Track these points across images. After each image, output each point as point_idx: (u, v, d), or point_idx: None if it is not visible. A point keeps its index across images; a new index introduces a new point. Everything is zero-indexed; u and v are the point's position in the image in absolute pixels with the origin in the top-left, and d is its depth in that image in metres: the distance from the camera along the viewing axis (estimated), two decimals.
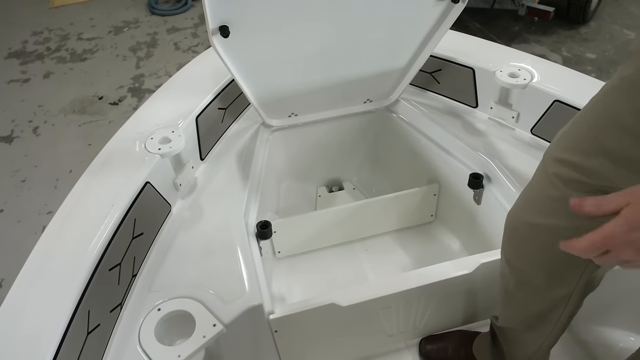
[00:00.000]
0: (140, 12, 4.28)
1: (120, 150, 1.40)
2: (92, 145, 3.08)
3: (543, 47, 3.94)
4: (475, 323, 1.52)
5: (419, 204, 1.77)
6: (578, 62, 3.77)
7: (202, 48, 3.82)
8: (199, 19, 4.20)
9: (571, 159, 0.92)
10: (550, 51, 3.90)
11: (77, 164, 2.93)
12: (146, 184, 1.31)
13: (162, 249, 1.33)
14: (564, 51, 3.89)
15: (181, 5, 4.24)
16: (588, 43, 3.96)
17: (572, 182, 0.93)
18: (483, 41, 1.79)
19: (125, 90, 3.47)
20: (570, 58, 3.82)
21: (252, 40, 1.40)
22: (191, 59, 1.82)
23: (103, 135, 3.11)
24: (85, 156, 2.97)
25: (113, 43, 3.90)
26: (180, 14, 4.21)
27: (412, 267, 1.71)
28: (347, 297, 1.28)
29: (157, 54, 3.80)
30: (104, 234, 1.16)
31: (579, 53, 3.86)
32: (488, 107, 1.67)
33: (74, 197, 1.27)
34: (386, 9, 1.46)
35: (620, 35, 3.99)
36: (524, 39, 4.06)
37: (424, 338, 1.48)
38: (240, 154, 1.61)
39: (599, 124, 0.89)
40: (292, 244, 1.71)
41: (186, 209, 1.44)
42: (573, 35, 4.06)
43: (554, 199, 0.96)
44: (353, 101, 1.75)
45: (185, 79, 1.68)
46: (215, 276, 1.26)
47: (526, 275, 1.11)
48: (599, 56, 3.81)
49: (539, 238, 1.03)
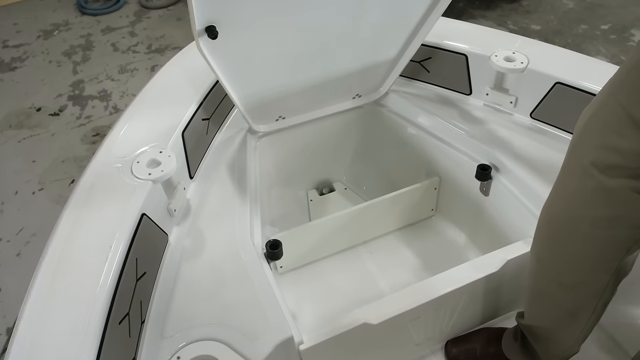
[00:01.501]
0: (70, 13, 3.94)
1: (103, 180, 1.23)
2: (36, 161, 2.81)
3: (489, 21, 3.96)
4: (498, 318, 1.47)
5: (420, 200, 1.70)
6: (524, 34, 3.81)
7: (143, 47, 3.57)
8: (134, 16, 3.93)
9: (607, 143, 0.87)
10: (497, 25, 3.92)
11: (22, 184, 2.67)
12: (142, 216, 1.15)
13: (166, 286, 1.19)
14: (510, 24, 3.93)
15: (113, 3, 3.94)
16: (531, 15, 4.02)
17: (611, 168, 0.88)
18: (469, 25, 1.73)
19: (65, 99, 3.19)
20: (516, 31, 3.86)
21: (240, 40, 1.26)
22: (132, 60, 1.64)
23: (47, 149, 2.85)
24: (31, 174, 2.70)
25: (44, 49, 3.57)
26: (114, 12, 3.92)
27: (421, 266, 1.64)
28: (377, 314, 1.20)
29: (94, 57, 3.52)
30: (107, 283, 1.00)
31: (524, 25, 3.91)
32: (483, 93, 1.61)
33: (61, 241, 1.09)
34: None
35: (560, 5, 4.08)
36: (470, 15, 4.07)
37: (448, 341, 1.42)
38: (231, 167, 1.47)
39: (631, 101, 0.83)
40: (294, 257, 1.59)
41: (185, 236, 1.29)
42: (516, 8, 4.11)
43: (592, 189, 0.92)
44: (342, 98, 1.64)
45: (160, 90, 1.51)
46: (232, 310, 1.13)
47: (560, 273, 1.06)
48: (543, 27, 3.87)
49: (577, 232, 0.98)
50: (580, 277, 1.04)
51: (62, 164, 2.77)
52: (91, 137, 2.95)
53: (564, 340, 1.19)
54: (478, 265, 1.29)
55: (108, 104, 3.14)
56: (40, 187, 2.64)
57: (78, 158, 2.80)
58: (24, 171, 2.73)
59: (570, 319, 1.12)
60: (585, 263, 1.01)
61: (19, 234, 2.41)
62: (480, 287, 1.29)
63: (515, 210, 1.44)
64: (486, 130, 1.55)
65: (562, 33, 3.76)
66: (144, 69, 3.38)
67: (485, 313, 1.45)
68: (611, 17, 3.84)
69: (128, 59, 3.47)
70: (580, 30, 3.76)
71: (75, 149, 2.86)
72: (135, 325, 1.07)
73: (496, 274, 1.28)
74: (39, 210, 2.52)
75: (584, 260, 1.01)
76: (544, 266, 1.09)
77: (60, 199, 2.57)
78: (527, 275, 1.16)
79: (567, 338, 1.18)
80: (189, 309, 1.14)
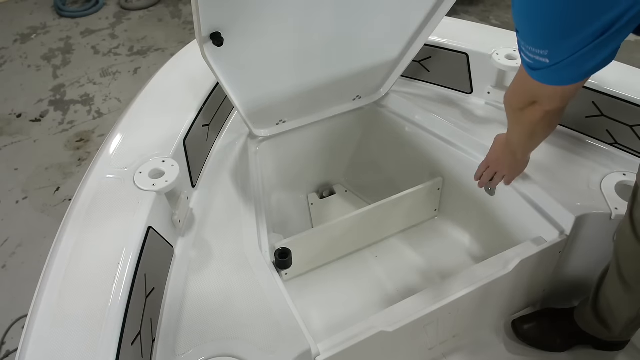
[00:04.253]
0: (47, 15, 3.83)
1: (104, 192, 1.17)
2: (19, 169, 2.72)
3: (472, 17, 3.97)
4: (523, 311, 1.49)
5: (423, 201, 1.68)
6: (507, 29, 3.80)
7: (124, 50, 3.49)
8: (114, 17, 3.84)
9: None
10: (480, 20, 3.93)
11: (5, 193, 2.58)
12: (149, 229, 1.11)
13: (175, 301, 1.14)
14: (492, 19, 3.94)
15: (92, 4, 3.84)
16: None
17: None
18: (469, 23, 1.71)
19: (46, 104, 3.10)
20: (499, 26, 3.85)
21: (244, 46, 1.22)
22: (114, 62, 1.58)
23: (30, 157, 2.76)
24: (13, 183, 2.62)
25: (22, 53, 3.46)
26: (93, 14, 3.82)
27: (427, 268, 1.62)
28: (392, 321, 1.18)
29: (75, 61, 3.42)
30: (118, 302, 0.96)
31: (507, 20, 3.93)
32: (484, 92, 1.60)
33: (65, 257, 1.04)
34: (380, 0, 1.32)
35: None
36: (452, 10, 4.00)
37: (516, 320, 1.46)
38: (233, 174, 1.43)
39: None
40: (299, 264, 1.56)
41: (190, 248, 1.25)
42: (498, 3, 4.13)
43: None
44: (342, 100, 1.61)
45: (158, 96, 1.46)
46: (246, 323, 1.09)
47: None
48: None
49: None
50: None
51: (46, 171, 2.69)
52: (75, 142, 2.87)
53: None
54: (490, 267, 1.28)
55: (91, 108, 3.06)
56: (24, 196, 2.56)
57: (62, 165, 2.72)
58: (6, 180, 2.64)
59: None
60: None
61: (3, 245, 2.32)
62: (493, 288, 1.28)
63: (522, 209, 1.42)
64: (489, 129, 1.53)
65: None
66: (126, 72, 3.30)
67: (499, 312, 1.44)
68: None
69: (110, 61, 3.39)
70: None
71: (59, 155, 2.78)
72: (147, 344, 1.02)
73: (509, 275, 1.27)
74: (23, 219, 2.44)
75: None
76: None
77: (45, 208, 2.49)
78: (618, 240, 1.20)
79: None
80: (200, 323, 1.10)
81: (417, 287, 1.57)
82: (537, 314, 1.47)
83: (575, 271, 1.45)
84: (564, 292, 1.50)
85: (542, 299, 1.52)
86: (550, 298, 1.52)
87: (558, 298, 1.52)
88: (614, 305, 1.27)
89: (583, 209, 1.31)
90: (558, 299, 1.52)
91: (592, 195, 1.33)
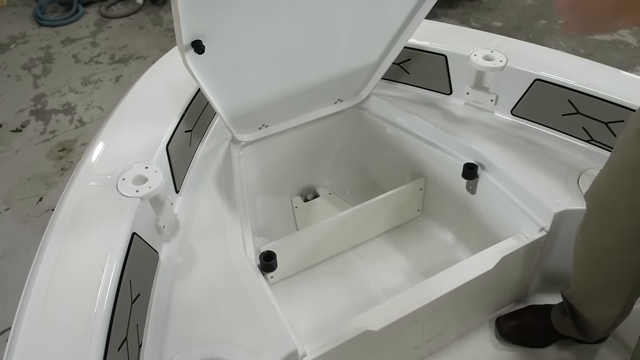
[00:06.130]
0: (26, 24, 3.79)
1: (87, 200, 1.17)
2: (0, 180, 2.69)
3: (452, 19, 4.02)
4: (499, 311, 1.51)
5: (406, 201, 1.70)
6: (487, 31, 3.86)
7: (106, 58, 3.47)
8: (95, 25, 3.81)
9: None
10: (460, 23, 3.98)
11: None
12: (133, 235, 1.11)
13: (161, 306, 1.14)
14: (472, 22, 3.99)
15: (72, 13, 3.81)
16: (492, 12, 4.09)
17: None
18: (447, 25, 1.74)
19: (27, 114, 3.07)
20: (479, 28, 3.92)
21: (225, 52, 1.23)
22: (95, 71, 1.58)
23: (11, 167, 2.73)
24: None
25: (1, 62, 3.42)
26: (73, 22, 3.79)
27: (412, 267, 1.64)
28: (377, 320, 1.19)
29: (55, 70, 3.39)
30: (103, 308, 0.96)
31: (486, 22, 3.98)
32: (463, 92, 1.63)
33: (49, 266, 1.04)
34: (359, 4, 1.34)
35: (519, 1, 4.17)
36: (432, 13, 4.04)
37: (499, 318, 1.47)
38: (217, 179, 1.44)
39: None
40: (284, 266, 1.57)
41: (175, 253, 1.25)
42: (477, 6, 4.18)
43: (630, 159, 1.04)
44: (323, 103, 1.63)
45: (140, 103, 1.46)
46: (232, 326, 1.10)
47: (607, 249, 1.16)
48: (504, 23, 3.95)
49: (616, 202, 1.09)
50: (623, 244, 1.12)
51: (28, 181, 2.66)
52: (57, 152, 2.84)
53: (607, 314, 1.27)
54: (473, 264, 1.30)
55: (73, 117, 3.04)
56: (6, 207, 2.53)
57: (45, 175, 2.70)
58: None
59: (608, 288, 1.22)
60: (627, 231, 1.10)
61: None
62: (477, 285, 1.30)
63: (502, 207, 1.45)
64: (469, 129, 1.56)
65: (523, 29, 3.85)
66: (108, 80, 3.28)
67: (483, 310, 1.47)
68: None
69: (91, 70, 3.37)
70: (539, 25, 3.85)
71: (41, 165, 2.75)
72: (134, 350, 1.02)
73: (491, 272, 1.29)
74: (6, 231, 2.41)
75: (626, 228, 1.10)
76: (588, 237, 1.20)
77: (29, 219, 2.46)
78: (574, 246, 1.26)
79: (610, 311, 1.26)
80: (187, 328, 1.10)
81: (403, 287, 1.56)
82: (520, 312, 1.48)
83: (557, 266, 1.48)
84: (548, 287, 1.53)
85: (526, 294, 1.55)
86: (534, 293, 1.55)
87: (542, 293, 1.54)
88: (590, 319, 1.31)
89: (561, 205, 1.33)
90: (542, 294, 1.54)
91: (570, 192, 1.36)
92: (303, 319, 1.50)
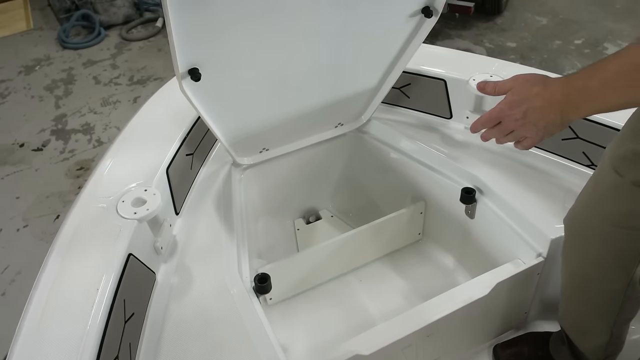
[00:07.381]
0: (51, 47, 3.95)
1: (88, 221, 1.22)
2: (20, 197, 2.79)
3: (466, 41, 4.04)
4: (496, 338, 1.49)
5: (406, 225, 1.70)
6: (501, 52, 3.90)
7: (125, 79, 3.58)
8: (115, 48, 3.94)
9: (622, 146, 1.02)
10: (474, 44, 4.00)
11: (6, 221, 2.64)
12: (129, 256, 1.14)
13: (155, 326, 1.17)
14: (486, 43, 4.00)
15: (94, 36, 3.95)
16: (506, 32, 4.10)
17: (621, 167, 1.00)
18: (446, 50, 1.76)
19: (48, 134, 3.18)
20: (493, 49, 3.94)
21: (223, 79, 1.27)
22: (115, 92, 1.65)
23: (31, 185, 2.83)
24: (14, 212, 2.68)
25: (25, 84, 3.56)
26: (95, 45, 3.93)
27: (411, 291, 1.64)
28: (369, 344, 1.19)
29: (76, 91, 3.52)
30: (95, 326, 0.99)
31: (500, 43, 3.99)
32: (463, 117, 1.64)
33: (47, 284, 1.08)
34: (357, 30, 1.37)
35: (534, 22, 4.17)
36: (446, 35, 4.14)
37: (497, 345, 1.45)
38: (217, 202, 1.47)
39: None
40: (283, 288, 1.59)
41: (172, 274, 1.28)
42: (491, 27, 4.19)
43: (605, 187, 1.04)
44: (324, 127, 1.65)
45: (143, 127, 1.51)
46: (223, 349, 1.12)
47: (585, 277, 1.16)
48: (519, 44, 3.95)
49: (594, 229, 1.09)
50: (607, 274, 1.12)
51: (47, 199, 2.75)
52: (75, 171, 2.93)
53: (595, 342, 1.25)
54: (467, 290, 1.30)
55: (91, 137, 3.14)
56: (25, 224, 2.61)
57: (62, 193, 2.78)
58: (7, 208, 2.71)
59: (588, 316, 1.22)
60: (604, 259, 1.10)
61: (3, 273, 2.37)
62: (471, 311, 1.30)
63: (501, 232, 1.45)
64: (468, 153, 1.57)
65: (538, 49, 3.84)
66: (126, 101, 3.38)
67: (481, 336, 1.45)
68: (584, 31, 3.93)
69: (110, 91, 3.48)
70: (554, 45, 3.84)
71: (59, 183, 2.84)
72: None
73: (486, 298, 1.29)
74: (23, 247, 2.49)
75: (603, 256, 1.10)
76: (569, 263, 1.21)
77: (45, 236, 2.54)
78: (560, 275, 1.26)
79: (597, 339, 1.24)
80: (180, 349, 1.13)
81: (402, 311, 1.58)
82: (518, 340, 1.46)
83: (556, 293, 1.46)
84: (548, 314, 1.51)
85: (526, 321, 1.53)
86: (534, 320, 1.53)
87: (542, 320, 1.53)
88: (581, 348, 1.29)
89: (559, 231, 1.33)
90: (542, 321, 1.53)
91: None
92: (299, 341, 1.51)
